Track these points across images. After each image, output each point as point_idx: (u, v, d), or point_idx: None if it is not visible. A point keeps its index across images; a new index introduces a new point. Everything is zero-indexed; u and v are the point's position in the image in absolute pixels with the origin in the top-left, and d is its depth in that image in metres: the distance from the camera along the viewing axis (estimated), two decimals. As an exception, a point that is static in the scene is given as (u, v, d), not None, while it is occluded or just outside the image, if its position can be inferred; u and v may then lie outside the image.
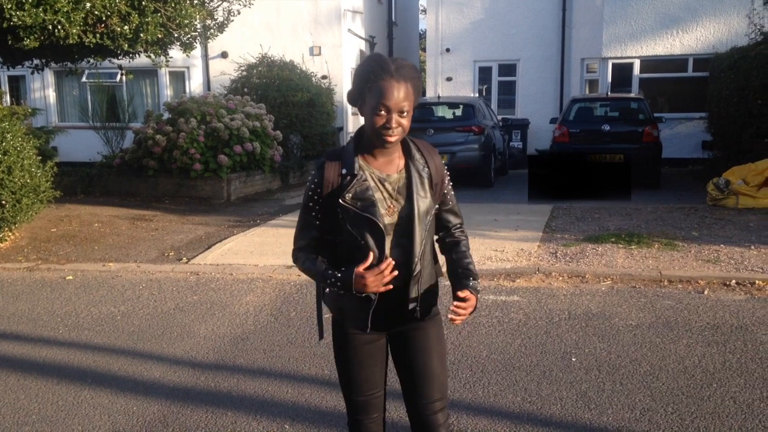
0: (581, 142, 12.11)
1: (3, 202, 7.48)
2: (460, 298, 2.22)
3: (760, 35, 12.28)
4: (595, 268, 6.45)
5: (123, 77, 14.27)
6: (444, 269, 2.41)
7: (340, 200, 2.16)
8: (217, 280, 6.52)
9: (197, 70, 16.56)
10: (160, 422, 3.65)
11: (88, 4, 7.94)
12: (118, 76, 14.59)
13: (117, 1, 8.19)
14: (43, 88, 16.88)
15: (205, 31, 10.84)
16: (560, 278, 6.26)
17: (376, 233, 2.14)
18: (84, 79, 15.52)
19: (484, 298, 5.64)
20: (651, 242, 7.38)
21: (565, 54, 17.20)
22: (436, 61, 17.88)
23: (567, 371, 4.17)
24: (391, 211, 2.18)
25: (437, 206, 2.31)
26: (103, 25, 8.37)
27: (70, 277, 6.74)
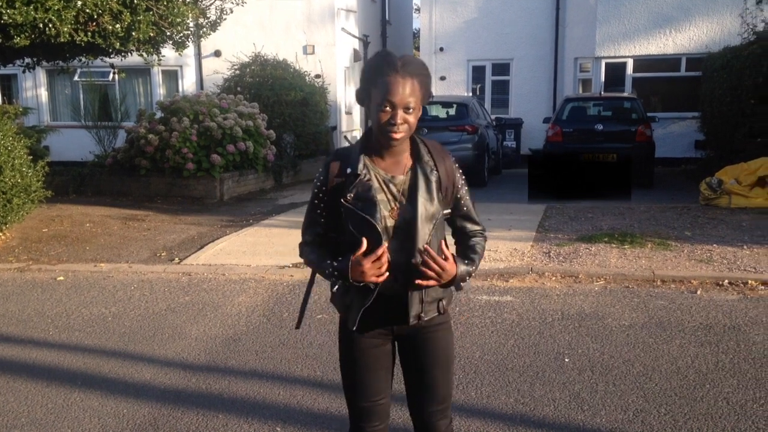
0: (574, 141, 12.12)
1: (-7, 202, 7.44)
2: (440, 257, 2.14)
3: (753, 35, 12.31)
4: (588, 268, 6.45)
5: (115, 76, 14.20)
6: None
7: (342, 200, 2.15)
8: (210, 281, 6.49)
9: (190, 69, 16.49)
10: (150, 425, 3.62)
11: (79, 3, 7.89)
12: (111, 75, 14.50)
13: (108, -1, 8.16)
14: (35, 87, 16.78)
15: (198, 30, 10.81)
16: (553, 278, 6.25)
17: (374, 235, 2.11)
18: (76, 77, 15.42)
19: (476, 299, 5.63)
20: (644, 242, 7.38)
21: (559, 53, 17.23)
22: (430, 60, 17.83)
23: (560, 372, 4.16)
24: (394, 213, 2.14)
25: (448, 211, 2.26)
26: (94, 24, 8.32)
27: (61, 278, 6.69)
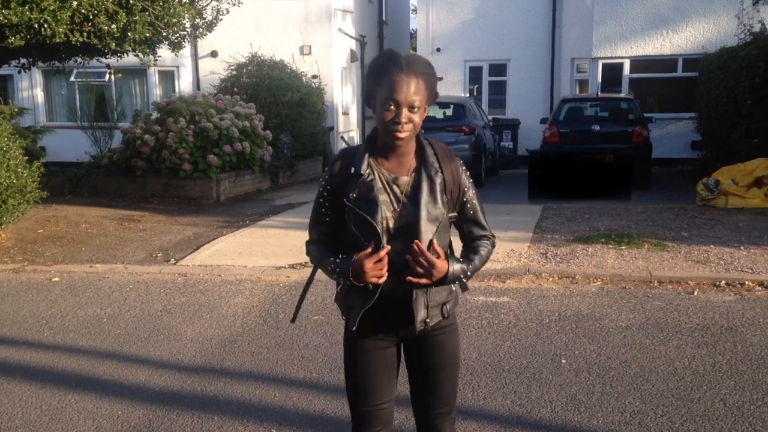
0: (571, 142, 12.12)
1: (-12, 202, 7.41)
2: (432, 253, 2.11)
3: (750, 35, 12.32)
4: (585, 269, 6.44)
5: (111, 76, 14.18)
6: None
7: (345, 199, 2.14)
8: (205, 282, 6.46)
9: (186, 69, 16.45)
10: (145, 427, 3.60)
11: (74, 3, 7.86)
12: (107, 76, 14.47)
13: (104, -1, 8.14)
14: (31, 88, 16.72)
15: (194, 30, 10.78)
16: (550, 279, 6.24)
17: (374, 235, 2.09)
18: (72, 78, 15.39)
19: (473, 300, 5.61)
20: (641, 243, 7.38)
21: (556, 54, 17.24)
22: (427, 61, 17.85)
23: (557, 373, 4.15)
24: (397, 214, 2.13)
25: (454, 215, 2.23)
26: (90, 24, 8.29)
27: (57, 279, 6.66)
